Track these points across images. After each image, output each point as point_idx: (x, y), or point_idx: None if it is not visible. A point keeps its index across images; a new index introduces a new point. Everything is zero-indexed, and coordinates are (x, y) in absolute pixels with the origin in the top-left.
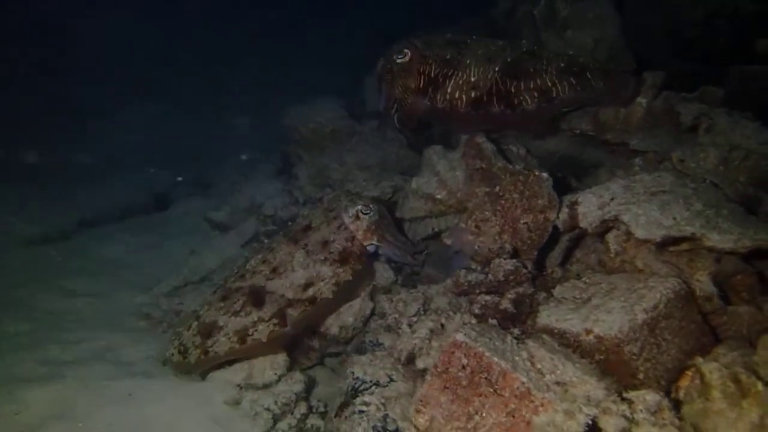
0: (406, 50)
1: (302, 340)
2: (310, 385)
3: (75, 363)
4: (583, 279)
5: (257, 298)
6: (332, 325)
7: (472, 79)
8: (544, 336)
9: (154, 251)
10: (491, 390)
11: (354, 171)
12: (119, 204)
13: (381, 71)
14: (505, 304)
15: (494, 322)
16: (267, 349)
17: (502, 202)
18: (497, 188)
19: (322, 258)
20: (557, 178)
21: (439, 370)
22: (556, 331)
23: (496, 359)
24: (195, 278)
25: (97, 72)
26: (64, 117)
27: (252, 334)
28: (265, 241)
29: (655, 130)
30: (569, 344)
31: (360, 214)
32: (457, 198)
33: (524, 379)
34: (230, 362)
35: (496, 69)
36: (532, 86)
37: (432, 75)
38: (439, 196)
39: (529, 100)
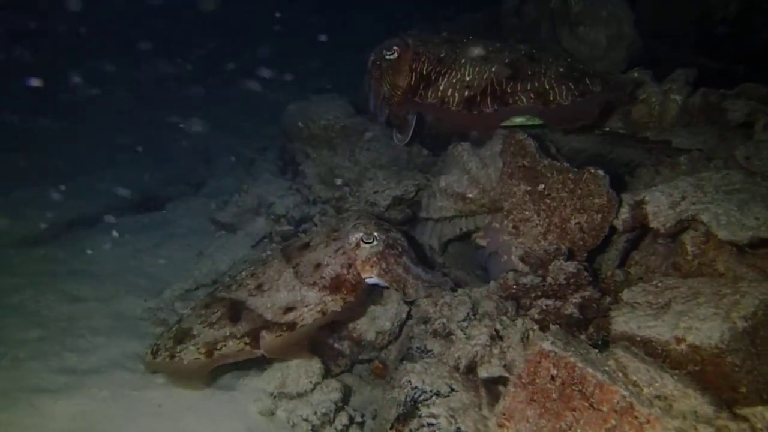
0: (395, 47)
1: (332, 345)
2: (346, 394)
3: (95, 372)
4: (655, 282)
5: (235, 312)
6: (368, 330)
7: (467, 79)
8: (630, 345)
9: (157, 253)
10: (586, 404)
11: (372, 169)
12: (109, 202)
13: (370, 68)
14: (570, 308)
15: (555, 328)
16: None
17: (548, 201)
18: (541, 186)
19: (311, 282)
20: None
21: (524, 381)
22: (638, 338)
23: (590, 370)
24: (206, 281)
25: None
26: None
27: (220, 349)
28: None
29: (695, 128)
30: (655, 354)
31: (361, 242)
32: (490, 197)
33: (625, 393)
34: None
35: (493, 70)
36: (528, 88)
37: (424, 72)
38: (470, 195)
39: (525, 100)
